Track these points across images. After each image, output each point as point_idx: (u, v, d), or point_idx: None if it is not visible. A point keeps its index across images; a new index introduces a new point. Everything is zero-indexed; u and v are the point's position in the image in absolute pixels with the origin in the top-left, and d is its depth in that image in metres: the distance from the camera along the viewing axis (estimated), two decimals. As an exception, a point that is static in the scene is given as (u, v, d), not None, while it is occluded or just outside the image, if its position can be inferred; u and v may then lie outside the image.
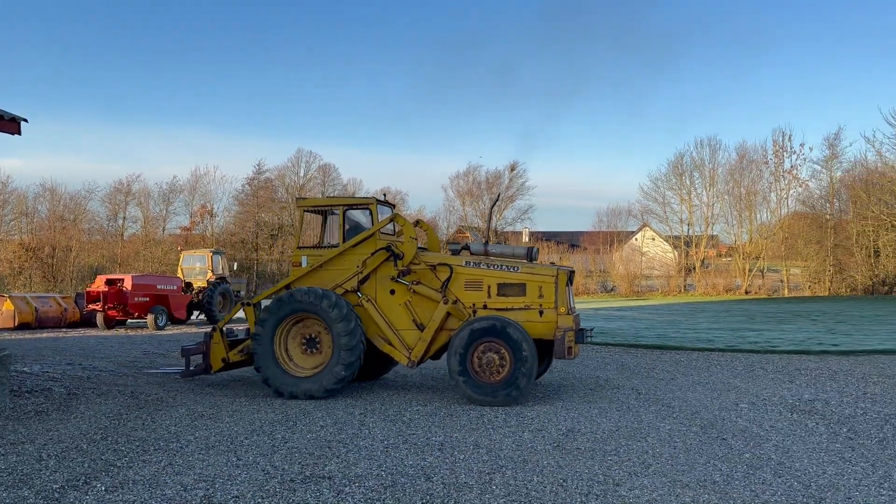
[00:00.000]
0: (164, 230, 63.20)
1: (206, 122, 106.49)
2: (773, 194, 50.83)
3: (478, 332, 9.23)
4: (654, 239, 61.71)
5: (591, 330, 10.31)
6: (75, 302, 25.07)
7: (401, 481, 6.01)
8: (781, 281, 48.16)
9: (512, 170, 70.76)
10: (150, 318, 22.45)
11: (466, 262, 9.99)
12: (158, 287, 23.49)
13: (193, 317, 26.47)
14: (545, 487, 5.84)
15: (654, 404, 9.26)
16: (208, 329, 10.75)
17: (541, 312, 9.60)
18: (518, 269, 9.81)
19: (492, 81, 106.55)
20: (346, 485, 5.92)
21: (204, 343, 10.62)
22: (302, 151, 70.31)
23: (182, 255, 28.19)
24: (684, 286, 51.35)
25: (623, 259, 52.78)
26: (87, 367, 13.06)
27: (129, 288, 22.52)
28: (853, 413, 8.60)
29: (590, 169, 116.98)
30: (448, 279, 9.83)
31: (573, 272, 10.27)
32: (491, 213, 10.89)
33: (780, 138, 50.73)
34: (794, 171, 48.84)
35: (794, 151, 49.02)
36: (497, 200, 11.61)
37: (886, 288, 42.50)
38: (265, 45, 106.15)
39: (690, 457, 6.72)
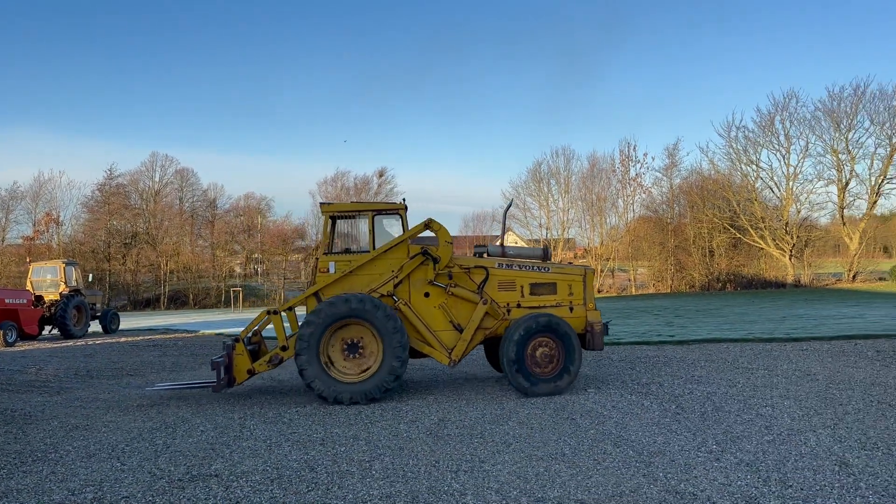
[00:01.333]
0: (3, 241, 58.36)
1: (50, 123, 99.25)
2: (620, 200, 54.72)
3: (534, 328, 9.87)
4: (516, 243, 64.51)
5: (609, 322, 11.14)
6: None
7: (286, 474, 6.46)
8: (629, 280, 51.97)
9: (380, 175, 71.45)
10: (-3, 334, 21.02)
11: (499, 264, 10.56)
12: (6, 301, 21.98)
13: (46, 332, 24.98)
14: (420, 468, 6.51)
15: (514, 393, 10.20)
16: (229, 341, 10.35)
17: (571, 309, 10.52)
18: (549, 269, 10.63)
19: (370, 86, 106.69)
20: (233, 480, 6.30)
21: (226, 355, 10.19)
22: (157, 155, 67.44)
23: (31, 267, 26.46)
24: (544, 287, 54.18)
25: (488, 262, 54.85)
26: (-67, 387, 12.29)
27: (-27, 303, 20.98)
28: (681, 393, 9.94)
29: (454, 175, 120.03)
30: (484, 280, 10.38)
31: (594, 271, 10.79)
32: (505, 217, 11.46)
33: (626, 148, 55.06)
34: (639, 178, 52.88)
35: (639, 161, 53.33)
36: (510, 206, 12.35)
37: (720, 284, 47.02)
38: (115, 40, 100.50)
39: (545, 435, 7.64)
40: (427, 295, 10.38)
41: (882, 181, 44.92)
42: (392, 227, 10.81)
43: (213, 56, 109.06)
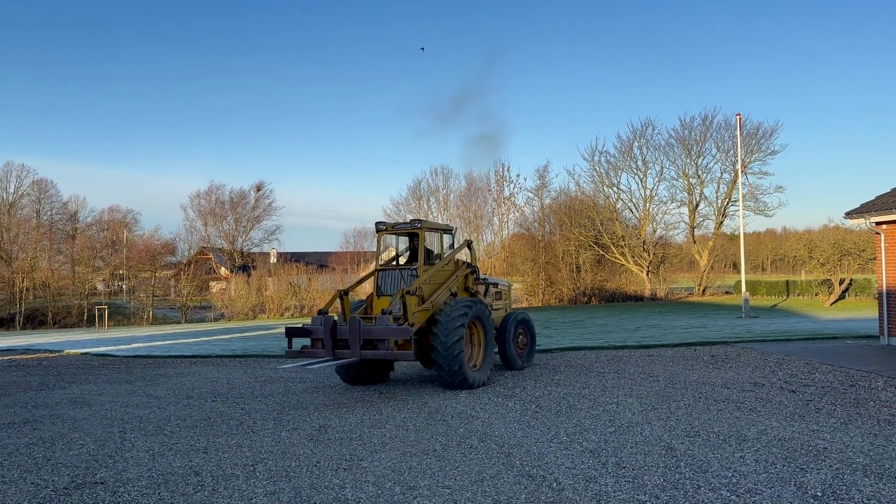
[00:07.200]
0: None
1: None
2: (495, 218, 56.88)
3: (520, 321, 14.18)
4: (393, 259, 65.26)
5: None
6: None
7: (172, 479, 6.80)
8: (504, 295, 53.94)
9: (258, 190, 70.24)
10: None
11: (489, 277, 14.17)
12: None
13: None
14: (302, 469, 7.04)
15: (391, 400, 10.88)
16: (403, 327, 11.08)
17: (506, 309, 14.56)
18: (498, 283, 14.45)
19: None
20: (119, 486, 6.56)
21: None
22: (12, 165, 63.18)
23: None
24: (422, 302, 55.17)
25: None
26: None
27: None
28: (541, 394, 10.98)
29: (334, 190, 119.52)
30: (486, 289, 13.62)
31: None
32: (472, 247, 14.09)
33: (501, 169, 57.19)
34: (513, 198, 55.16)
35: (512, 181, 55.52)
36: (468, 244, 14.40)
37: (586, 298, 49.83)
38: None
39: (419, 435, 8.37)
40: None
41: (727, 203, 49.36)
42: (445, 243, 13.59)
43: (74, 57, 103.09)
